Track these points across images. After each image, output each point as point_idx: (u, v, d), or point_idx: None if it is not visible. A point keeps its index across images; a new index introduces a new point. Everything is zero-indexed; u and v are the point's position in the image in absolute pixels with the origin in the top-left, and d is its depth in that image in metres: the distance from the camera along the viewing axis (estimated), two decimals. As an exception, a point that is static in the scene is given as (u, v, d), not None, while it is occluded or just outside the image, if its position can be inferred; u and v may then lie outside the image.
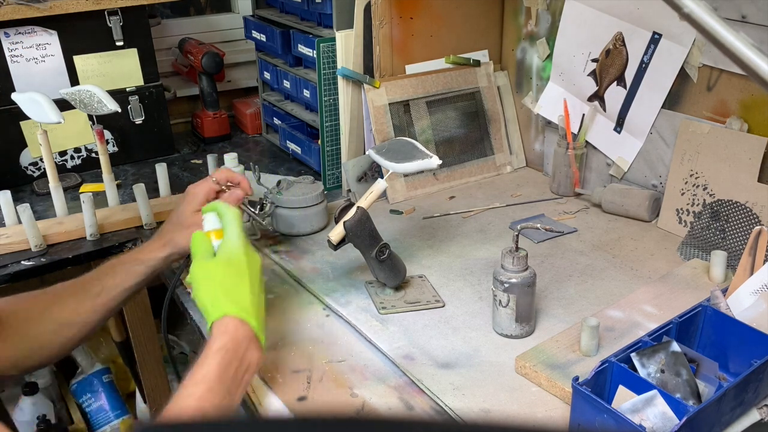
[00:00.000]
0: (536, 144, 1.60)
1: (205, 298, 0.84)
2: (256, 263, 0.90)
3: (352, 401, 0.91)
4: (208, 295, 0.84)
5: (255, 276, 0.88)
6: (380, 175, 1.30)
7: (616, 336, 0.97)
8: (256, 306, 0.85)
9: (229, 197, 1.09)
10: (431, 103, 1.52)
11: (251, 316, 0.82)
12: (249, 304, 0.84)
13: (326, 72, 1.47)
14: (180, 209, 1.08)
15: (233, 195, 1.09)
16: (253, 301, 0.84)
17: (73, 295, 1.01)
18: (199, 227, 1.05)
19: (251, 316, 0.82)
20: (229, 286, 0.85)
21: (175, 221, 1.08)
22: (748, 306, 0.91)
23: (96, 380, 1.79)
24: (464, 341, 1.01)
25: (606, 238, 1.29)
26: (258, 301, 0.86)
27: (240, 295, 0.84)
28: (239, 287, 0.85)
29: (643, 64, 1.30)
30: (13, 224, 1.37)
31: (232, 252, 0.88)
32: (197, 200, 1.07)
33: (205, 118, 1.90)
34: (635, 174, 1.38)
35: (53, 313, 0.98)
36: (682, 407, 0.76)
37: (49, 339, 0.98)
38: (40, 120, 1.29)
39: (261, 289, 0.89)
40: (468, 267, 1.21)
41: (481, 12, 1.57)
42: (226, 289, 0.85)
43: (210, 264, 0.88)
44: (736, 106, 1.18)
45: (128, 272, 1.04)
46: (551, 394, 0.90)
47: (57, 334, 0.99)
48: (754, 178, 1.16)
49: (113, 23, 1.64)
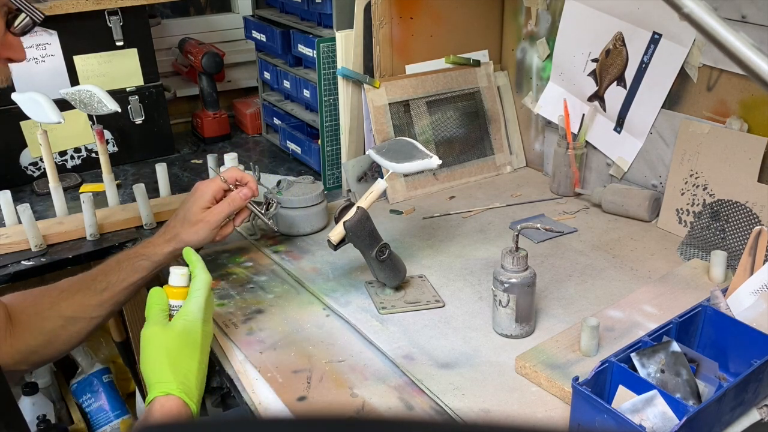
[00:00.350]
0: (536, 144, 1.60)
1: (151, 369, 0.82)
2: (209, 337, 0.89)
3: (352, 401, 0.91)
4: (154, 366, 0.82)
5: (205, 352, 0.87)
6: (380, 175, 1.30)
7: (616, 336, 0.97)
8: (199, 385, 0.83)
9: (236, 196, 1.11)
10: (431, 103, 1.52)
11: (193, 400, 0.81)
12: (194, 385, 0.82)
13: (326, 72, 1.47)
14: (187, 206, 1.10)
15: (241, 194, 1.11)
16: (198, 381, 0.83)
17: (79, 290, 1.02)
18: (206, 224, 1.07)
19: (193, 400, 0.81)
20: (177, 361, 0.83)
21: (181, 217, 1.09)
22: (748, 306, 0.91)
23: (96, 380, 1.79)
24: (464, 341, 1.01)
25: (606, 238, 1.29)
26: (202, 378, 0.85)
27: (187, 374, 0.82)
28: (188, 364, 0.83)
29: (643, 64, 1.30)
30: (13, 224, 1.37)
31: (189, 323, 0.86)
32: (205, 198, 1.09)
33: (205, 118, 1.90)
34: (635, 174, 1.38)
35: (61, 308, 1.00)
36: (682, 407, 0.76)
37: (57, 334, 1.00)
38: (40, 120, 1.29)
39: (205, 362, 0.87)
40: (468, 267, 1.21)
41: (481, 12, 1.57)
42: (174, 364, 0.82)
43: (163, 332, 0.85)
44: (736, 106, 1.18)
45: (133, 267, 1.05)
46: (551, 394, 0.90)
47: (65, 329, 1.00)
48: (754, 178, 1.16)
49: (113, 23, 1.64)
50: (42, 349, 0.99)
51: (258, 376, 0.95)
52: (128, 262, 1.05)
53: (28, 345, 0.97)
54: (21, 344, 0.96)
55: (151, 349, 0.84)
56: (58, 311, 0.99)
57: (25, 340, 0.97)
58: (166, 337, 0.85)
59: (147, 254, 1.06)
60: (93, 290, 1.02)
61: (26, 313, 0.98)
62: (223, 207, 1.10)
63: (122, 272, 1.04)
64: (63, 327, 1.00)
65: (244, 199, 1.11)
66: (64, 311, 1.00)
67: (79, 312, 1.01)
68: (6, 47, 0.80)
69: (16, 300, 0.99)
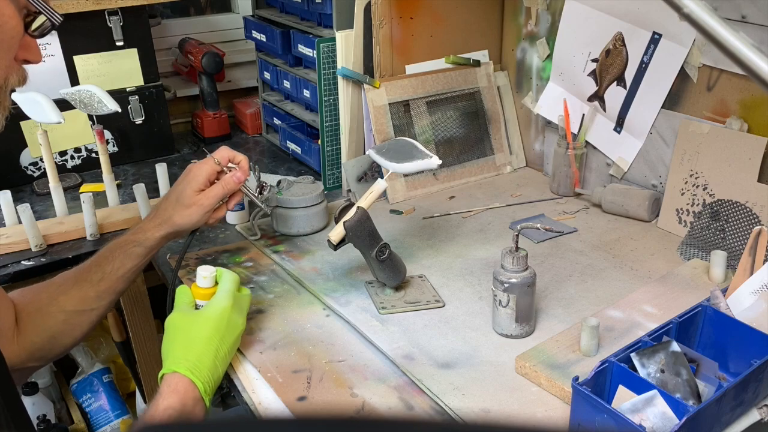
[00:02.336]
0: (536, 144, 1.60)
1: (166, 348, 0.87)
2: (235, 328, 0.92)
3: (352, 401, 0.91)
4: (169, 345, 0.87)
5: (226, 340, 0.90)
6: (380, 175, 1.30)
7: (616, 336, 0.97)
8: (213, 369, 0.86)
9: (230, 179, 1.08)
10: (431, 103, 1.52)
11: (200, 378, 0.84)
12: (206, 367, 0.86)
13: (326, 72, 1.47)
14: (179, 188, 1.07)
15: (234, 178, 1.09)
16: (211, 365, 0.86)
17: (75, 284, 1.02)
18: (200, 208, 1.06)
19: (200, 378, 0.84)
20: (191, 343, 0.87)
21: (173, 200, 1.06)
22: (748, 306, 0.91)
23: (96, 380, 1.79)
24: (464, 341, 1.01)
25: (606, 238, 1.29)
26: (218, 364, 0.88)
27: (200, 356, 0.86)
28: (202, 347, 0.87)
29: (643, 64, 1.30)
30: (13, 224, 1.37)
31: (215, 308, 0.91)
32: (199, 180, 1.06)
33: (205, 118, 1.90)
34: (635, 174, 1.38)
35: (60, 303, 1.00)
36: (682, 407, 0.76)
37: (60, 329, 1.00)
38: (40, 120, 1.29)
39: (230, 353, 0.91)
40: (468, 267, 1.21)
41: (481, 12, 1.57)
42: (188, 345, 0.87)
43: (184, 317, 0.90)
44: (736, 106, 1.18)
45: (127, 255, 1.04)
46: (551, 394, 0.90)
47: (67, 324, 1.00)
48: (754, 178, 1.16)
49: (113, 23, 1.64)
50: (47, 345, 0.99)
51: (258, 376, 0.95)
52: (121, 250, 1.04)
53: (33, 343, 0.97)
54: (27, 342, 0.96)
55: (169, 332, 0.89)
56: (59, 306, 0.99)
57: (30, 338, 0.96)
58: (184, 321, 0.90)
59: (139, 240, 1.05)
60: (89, 282, 1.01)
61: (26, 311, 0.98)
62: (217, 190, 1.07)
63: (116, 261, 1.03)
64: (65, 322, 0.99)
65: (238, 183, 1.09)
66: (64, 306, 1.00)
67: (79, 305, 1.00)
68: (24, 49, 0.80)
69: (16, 298, 0.99)
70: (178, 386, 0.83)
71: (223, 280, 0.95)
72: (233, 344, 0.92)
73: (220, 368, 0.89)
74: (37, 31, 0.80)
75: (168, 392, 0.83)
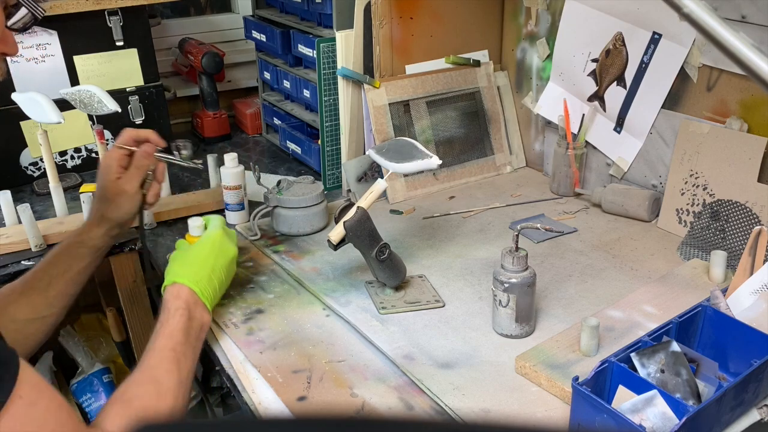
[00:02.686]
0: (536, 144, 1.60)
1: (168, 268, 1.00)
2: (228, 251, 1.05)
3: (352, 401, 0.91)
4: (170, 265, 1.00)
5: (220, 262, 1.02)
6: (380, 175, 1.30)
7: (616, 336, 0.97)
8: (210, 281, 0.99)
9: (139, 155, 1.09)
10: (431, 103, 1.52)
11: (195, 284, 0.96)
12: (204, 279, 0.98)
13: (326, 72, 1.47)
14: (100, 184, 1.09)
15: (142, 152, 1.09)
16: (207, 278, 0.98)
17: (22, 294, 1.01)
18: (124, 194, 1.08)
19: (195, 284, 0.96)
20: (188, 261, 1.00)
21: (100, 197, 1.09)
22: (748, 306, 0.91)
23: (96, 380, 1.79)
24: (464, 341, 1.01)
25: (606, 238, 1.29)
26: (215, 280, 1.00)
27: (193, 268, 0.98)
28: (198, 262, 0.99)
29: (643, 64, 1.30)
30: (13, 224, 1.37)
31: (208, 235, 1.04)
32: (112, 170, 1.08)
33: (205, 118, 1.90)
34: (635, 174, 1.38)
35: (11, 313, 0.99)
36: (682, 407, 0.76)
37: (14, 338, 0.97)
38: (40, 120, 1.29)
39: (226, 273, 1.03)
40: (468, 267, 1.21)
41: (481, 12, 1.57)
42: (185, 262, 0.99)
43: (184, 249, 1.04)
44: (736, 106, 1.18)
45: (72, 257, 1.05)
46: (551, 394, 0.90)
47: (21, 333, 0.99)
48: (754, 178, 1.16)
49: (113, 23, 1.64)
50: None
51: (258, 376, 0.95)
52: (65, 253, 1.05)
53: None
54: None
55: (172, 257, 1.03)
56: (10, 316, 0.98)
57: None
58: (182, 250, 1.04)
59: (83, 241, 1.07)
60: (37, 289, 1.01)
61: None
62: (133, 171, 1.08)
63: (61, 264, 1.04)
64: (19, 330, 0.98)
65: (148, 155, 1.08)
66: (14, 316, 0.99)
67: (30, 314, 1.00)
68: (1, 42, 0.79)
69: None
70: (180, 292, 0.95)
71: (212, 222, 1.08)
72: (228, 265, 1.04)
73: (215, 281, 1.00)
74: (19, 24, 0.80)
75: (172, 299, 0.94)
